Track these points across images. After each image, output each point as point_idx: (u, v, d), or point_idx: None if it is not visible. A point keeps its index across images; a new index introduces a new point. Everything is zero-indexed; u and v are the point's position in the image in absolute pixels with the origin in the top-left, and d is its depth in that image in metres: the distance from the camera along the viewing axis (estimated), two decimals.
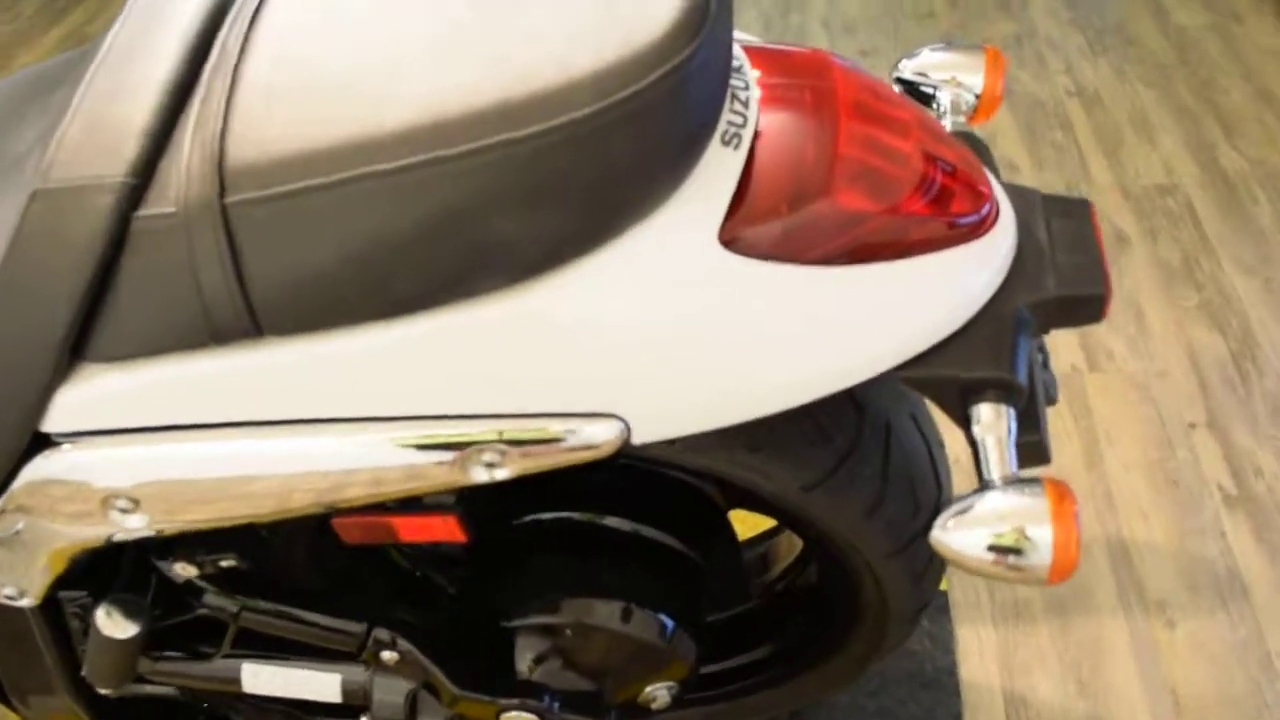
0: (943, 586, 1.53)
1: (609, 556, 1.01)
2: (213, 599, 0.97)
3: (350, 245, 0.69)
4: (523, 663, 1.01)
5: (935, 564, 1.03)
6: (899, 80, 1.03)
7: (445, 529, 0.87)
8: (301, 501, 0.78)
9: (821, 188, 0.76)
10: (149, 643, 1.00)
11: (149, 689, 1.05)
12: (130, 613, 0.91)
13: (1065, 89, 2.38)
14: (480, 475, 0.77)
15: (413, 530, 0.87)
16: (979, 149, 0.95)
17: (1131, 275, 1.95)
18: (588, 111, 0.67)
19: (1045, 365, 1.00)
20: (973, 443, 0.80)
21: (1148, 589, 1.50)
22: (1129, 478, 1.64)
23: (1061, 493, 0.75)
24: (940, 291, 0.79)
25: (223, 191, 0.69)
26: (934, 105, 1.02)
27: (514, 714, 1.00)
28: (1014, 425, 0.80)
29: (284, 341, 0.72)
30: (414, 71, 0.70)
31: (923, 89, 1.02)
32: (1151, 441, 1.68)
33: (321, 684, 1.02)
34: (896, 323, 0.78)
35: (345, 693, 1.03)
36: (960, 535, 0.76)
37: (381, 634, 0.98)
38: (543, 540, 1.01)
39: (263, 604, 0.98)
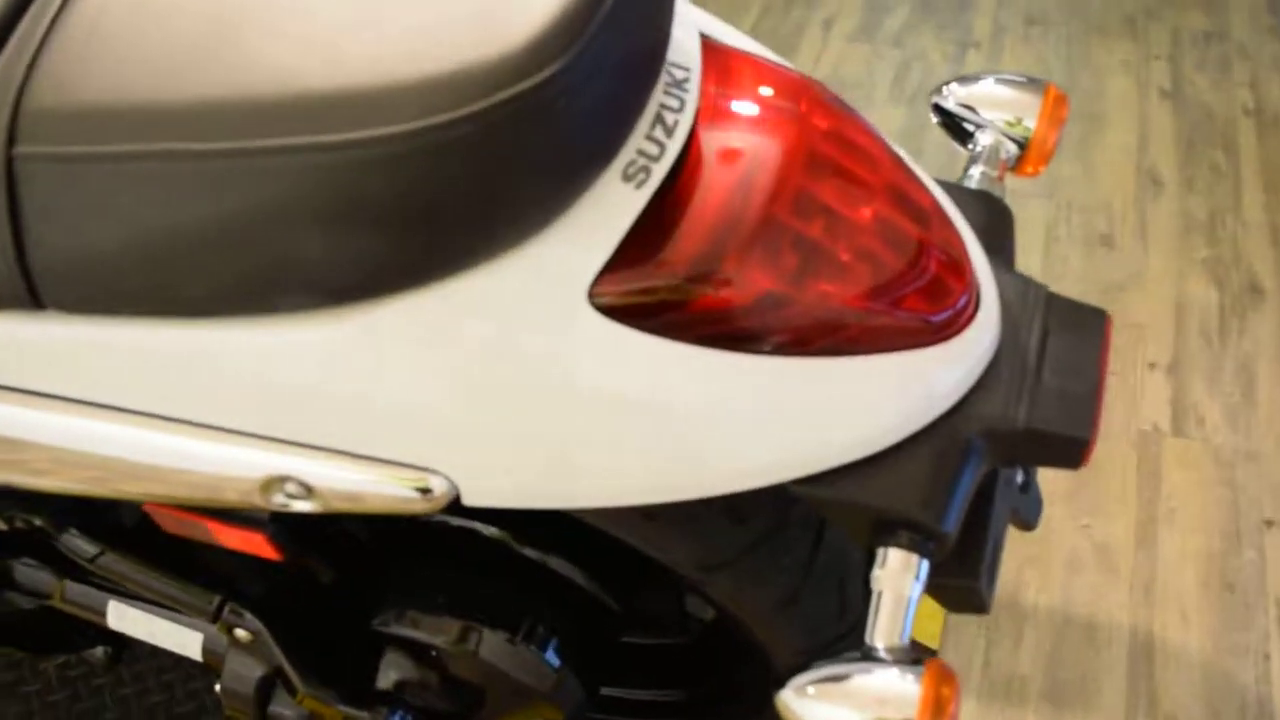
0: (933, 646, 1.39)
1: (505, 581, 0.92)
2: (71, 540, 0.91)
3: (137, 230, 0.58)
4: (385, 674, 0.92)
5: None
6: (936, 108, 0.87)
7: (255, 544, 0.78)
8: (84, 484, 0.69)
9: (728, 255, 0.62)
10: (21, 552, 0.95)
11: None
12: None
13: (1243, 105, 2.11)
14: (281, 503, 0.67)
15: (228, 538, 0.78)
16: (995, 219, 0.79)
17: (1254, 337, 1.72)
18: (411, 128, 0.54)
19: (1025, 488, 0.85)
20: (868, 590, 0.67)
21: (1162, 701, 1.33)
22: (1179, 568, 1.45)
23: (940, 690, 0.62)
24: (864, 402, 0.65)
25: (11, 141, 0.59)
26: (971, 147, 0.85)
27: None
28: (922, 580, 0.66)
29: (65, 318, 0.63)
30: (251, 42, 0.58)
31: (964, 124, 0.86)
32: (1217, 532, 1.49)
33: (184, 640, 0.96)
34: (791, 430, 0.64)
35: (205, 654, 0.96)
36: (812, 707, 0.64)
37: (235, 609, 0.90)
38: (433, 549, 0.92)
39: (119, 553, 0.91)
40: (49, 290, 0.62)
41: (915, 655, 0.65)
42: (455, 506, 0.66)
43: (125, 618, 0.96)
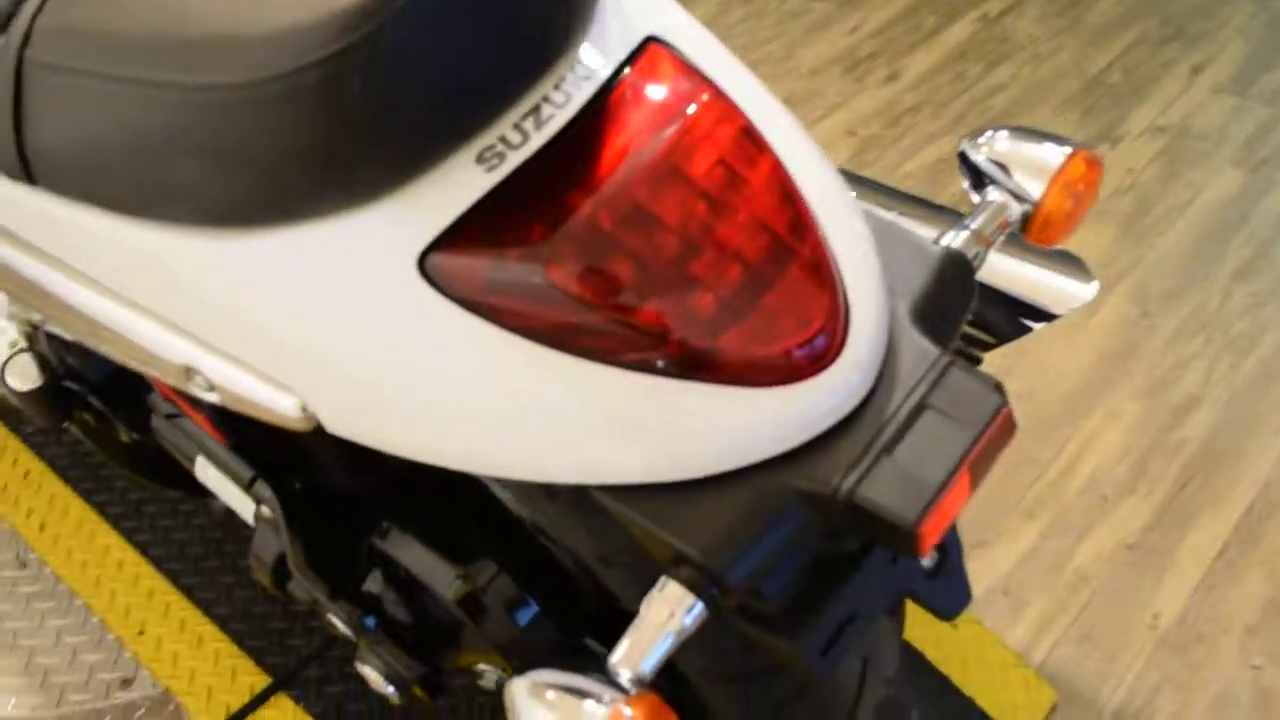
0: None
1: (500, 535, 0.97)
2: (156, 398, 1.07)
3: (96, 140, 0.70)
4: (370, 583, 1.01)
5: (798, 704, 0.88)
6: (961, 156, 0.82)
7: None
8: (70, 329, 0.84)
9: (541, 249, 0.64)
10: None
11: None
12: (29, 371, 1.05)
13: None
14: (197, 392, 0.78)
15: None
16: (943, 279, 0.73)
17: None
18: (240, 80, 0.62)
19: (936, 573, 0.78)
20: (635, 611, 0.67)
21: None
22: None
23: None
24: (674, 426, 0.65)
25: (24, 44, 0.73)
26: (980, 200, 0.80)
27: (331, 617, 1.01)
28: (691, 621, 0.65)
29: (47, 195, 0.77)
30: None
31: (985, 177, 0.81)
32: None
33: (242, 506, 1.09)
34: (595, 435, 0.65)
35: (254, 521, 1.09)
36: (525, 703, 0.65)
37: (262, 489, 1.02)
38: (453, 490, 0.99)
39: (178, 416, 1.06)
40: (39, 171, 0.76)
41: (642, 686, 0.64)
42: None
43: (208, 473, 1.11)
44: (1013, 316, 1.00)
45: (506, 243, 0.65)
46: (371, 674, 1.03)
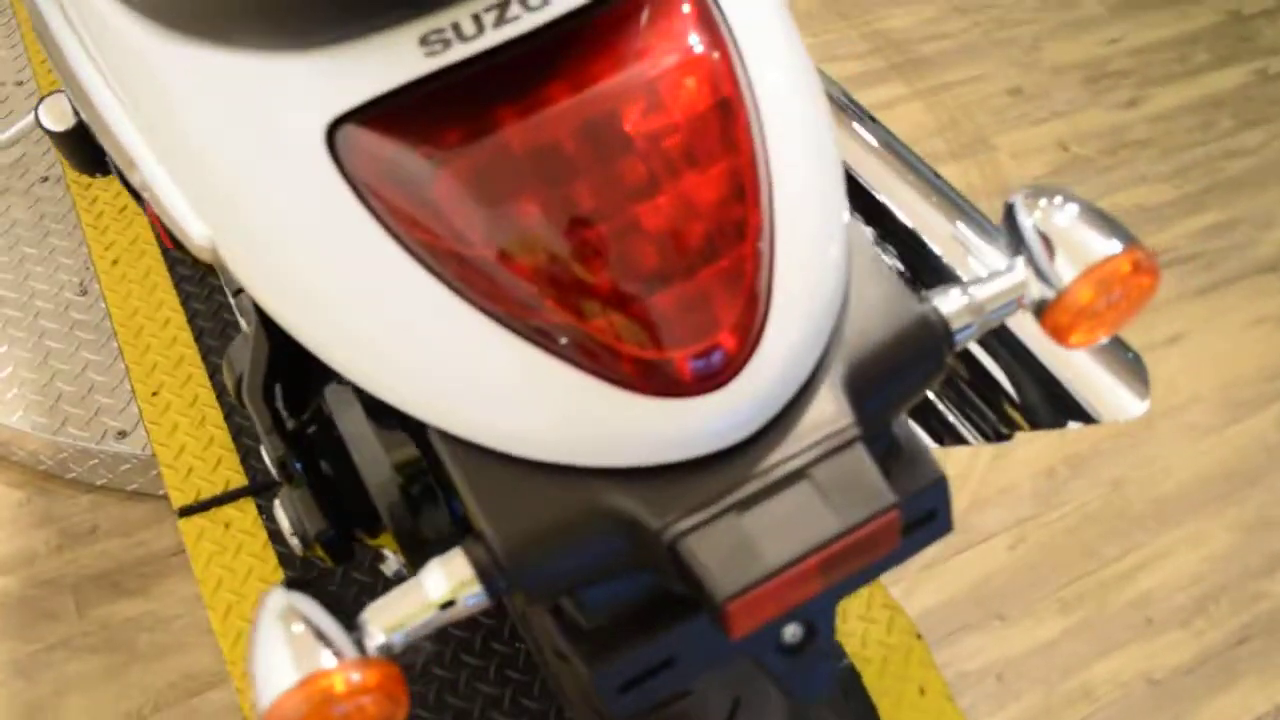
0: None
1: None
2: None
3: None
4: (311, 429, 0.98)
5: None
6: (1007, 210, 0.70)
7: None
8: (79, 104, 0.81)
9: (441, 157, 0.57)
10: None
11: None
12: (63, 111, 1.04)
13: None
14: (143, 193, 0.75)
15: None
16: (906, 337, 0.62)
17: None
18: None
19: (799, 649, 0.68)
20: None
21: None
22: None
23: (333, 686, 0.56)
24: (518, 394, 0.58)
25: None
26: (1004, 267, 0.68)
27: (263, 449, 0.99)
28: (462, 605, 0.59)
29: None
30: None
31: (1023, 244, 0.69)
32: None
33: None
34: (445, 376, 0.59)
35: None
36: (270, 628, 0.59)
37: (245, 300, 1.00)
38: None
39: None
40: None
41: (388, 654, 0.58)
42: None
43: None
44: (1053, 405, 0.88)
45: (412, 139, 0.58)
46: (282, 519, 1.00)
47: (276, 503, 1.02)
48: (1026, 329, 0.86)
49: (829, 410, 0.59)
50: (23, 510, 1.40)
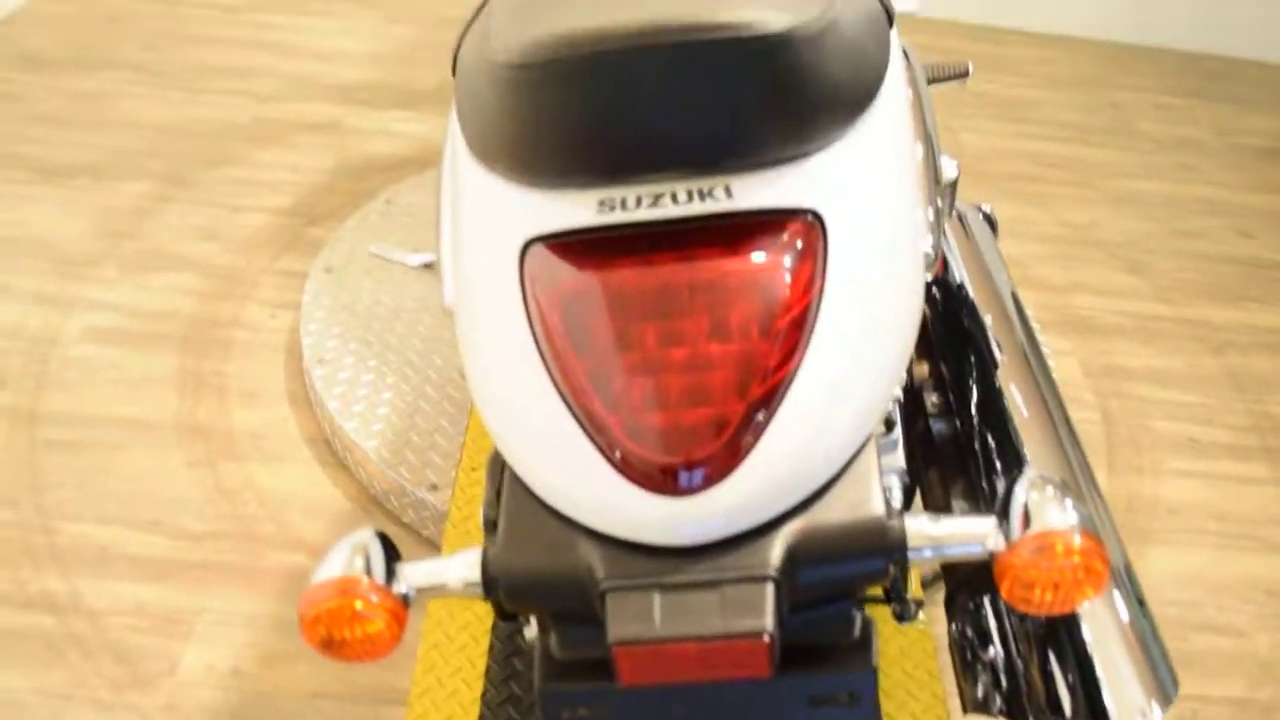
0: None
1: None
2: None
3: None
4: None
5: None
6: (1008, 487, 0.80)
7: None
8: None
9: (575, 282, 0.79)
10: None
11: None
12: None
13: None
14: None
15: None
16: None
17: None
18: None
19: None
20: None
21: None
22: None
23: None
24: (559, 455, 0.77)
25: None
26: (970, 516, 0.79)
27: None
28: (461, 579, 0.79)
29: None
30: None
31: (1009, 506, 0.78)
32: None
33: None
34: (515, 425, 0.81)
35: None
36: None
37: None
38: None
39: None
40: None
41: (402, 600, 0.78)
42: None
43: None
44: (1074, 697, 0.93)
45: (568, 262, 0.81)
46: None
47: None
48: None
49: (763, 554, 0.74)
50: (345, 518, 1.74)
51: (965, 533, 0.77)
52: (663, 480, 0.74)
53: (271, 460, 1.81)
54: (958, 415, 1.26)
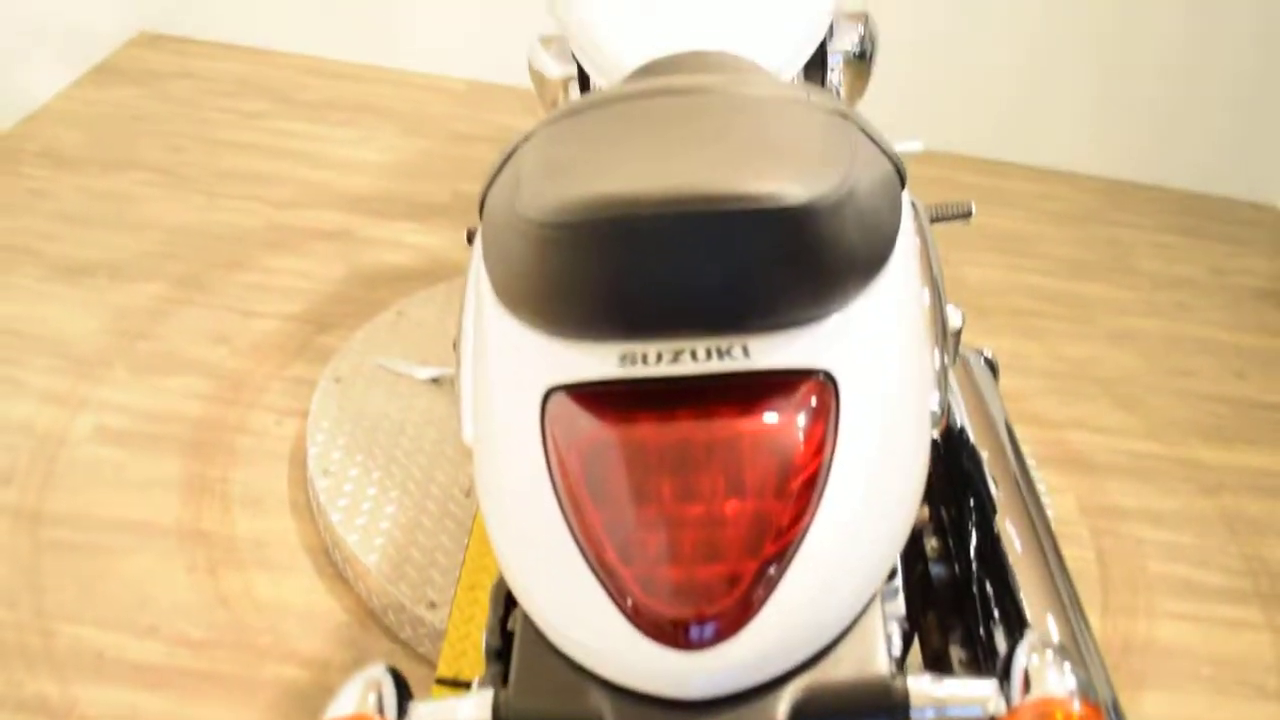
0: None
1: None
2: None
3: None
4: None
5: None
6: (1010, 652, 0.82)
7: None
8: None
9: (592, 433, 0.82)
10: None
11: None
12: None
13: None
14: None
15: None
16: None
17: None
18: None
19: None
20: None
21: None
22: None
23: None
24: (571, 605, 0.80)
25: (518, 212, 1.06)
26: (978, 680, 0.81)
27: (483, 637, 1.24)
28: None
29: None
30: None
31: (1013, 665, 0.80)
32: None
33: None
34: (525, 568, 0.83)
35: None
36: None
37: None
38: None
39: None
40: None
41: None
42: None
43: None
44: None
45: (584, 412, 0.84)
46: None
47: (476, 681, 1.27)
48: None
49: (770, 710, 0.75)
50: (342, 630, 1.74)
51: (967, 695, 0.78)
52: (674, 634, 0.76)
53: (272, 569, 1.82)
54: (956, 560, 1.28)
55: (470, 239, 1.20)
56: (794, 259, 0.81)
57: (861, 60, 1.70)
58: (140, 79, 3.19)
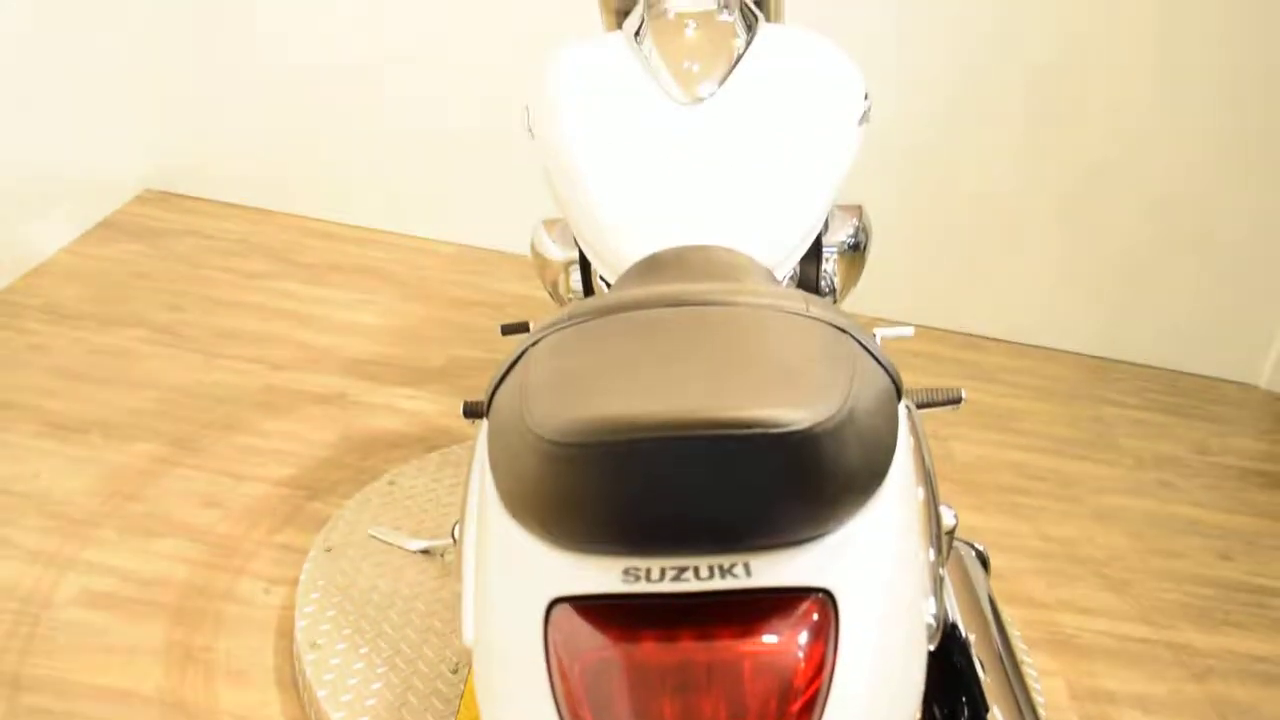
0: None
1: None
2: None
3: None
4: None
5: None
6: None
7: None
8: None
9: (592, 646, 0.83)
10: None
11: None
12: None
13: None
14: None
15: None
16: None
17: None
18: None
19: None
20: None
21: None
22: None
23: None
24: None
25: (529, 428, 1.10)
26: None
27: None
28: None
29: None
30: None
31: None
32: None
33: None
34: None
35: None
36: None
37: None
38: None
39: None
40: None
41: None
42: None
43: None
44: None
45: (588, 625, 0.85)
46: None
47: None
48: None
49: None
50: None
51: None
52: None
53: None
54: None
55: (467, 413, 1.22)
56: (795, 481, 0.83)
57: (856, 252, 1.76)
58: (144, 235, 3.26)
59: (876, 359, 1.00)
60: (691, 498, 0.83)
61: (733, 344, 0.93)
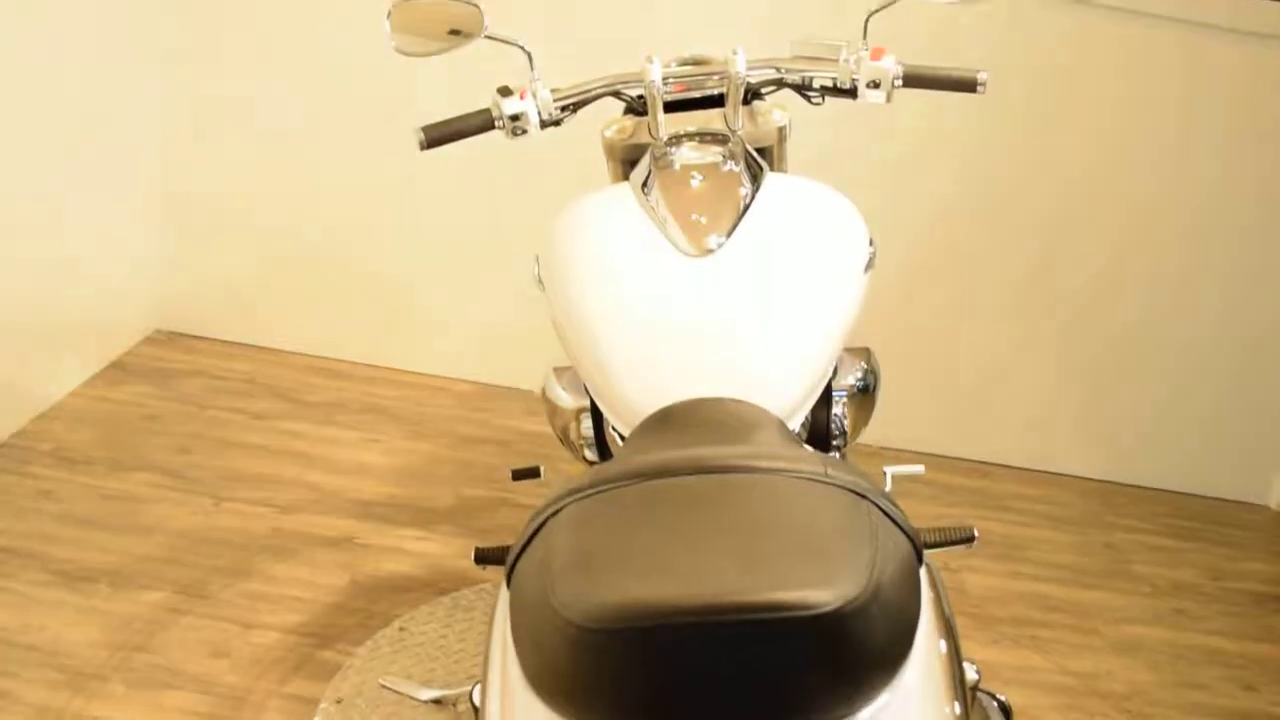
0: None
1: None
2: None
3: None
4: None
5: None
6: None
7: None
8: None
9: None
10: None
11: None
12: None
13: None
14: None
15: None
16: None
17: None
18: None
19: None
20: None
21: None
22: None
23: None
24: None
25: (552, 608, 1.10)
26: None
27: None
28: None
29: None
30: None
31: None
32: None
33: None
34: None
35: None
36: None
37: None
38: None
39: None
40: None
41: None
42: None
43: None
44: None
45: None
46: None
47: None
48: None
49: None
50: None
51: None
52: None
53: None
54: None
55: (479, 560, 1.22)
56: (826, 662, 0.83)
57: (865, 394, 1.77)
58: (152, 377, 3.28)
59: (895, 522, 1.00)
60: (721, 680, 0.83)
61: (756, 518, 0.94)
